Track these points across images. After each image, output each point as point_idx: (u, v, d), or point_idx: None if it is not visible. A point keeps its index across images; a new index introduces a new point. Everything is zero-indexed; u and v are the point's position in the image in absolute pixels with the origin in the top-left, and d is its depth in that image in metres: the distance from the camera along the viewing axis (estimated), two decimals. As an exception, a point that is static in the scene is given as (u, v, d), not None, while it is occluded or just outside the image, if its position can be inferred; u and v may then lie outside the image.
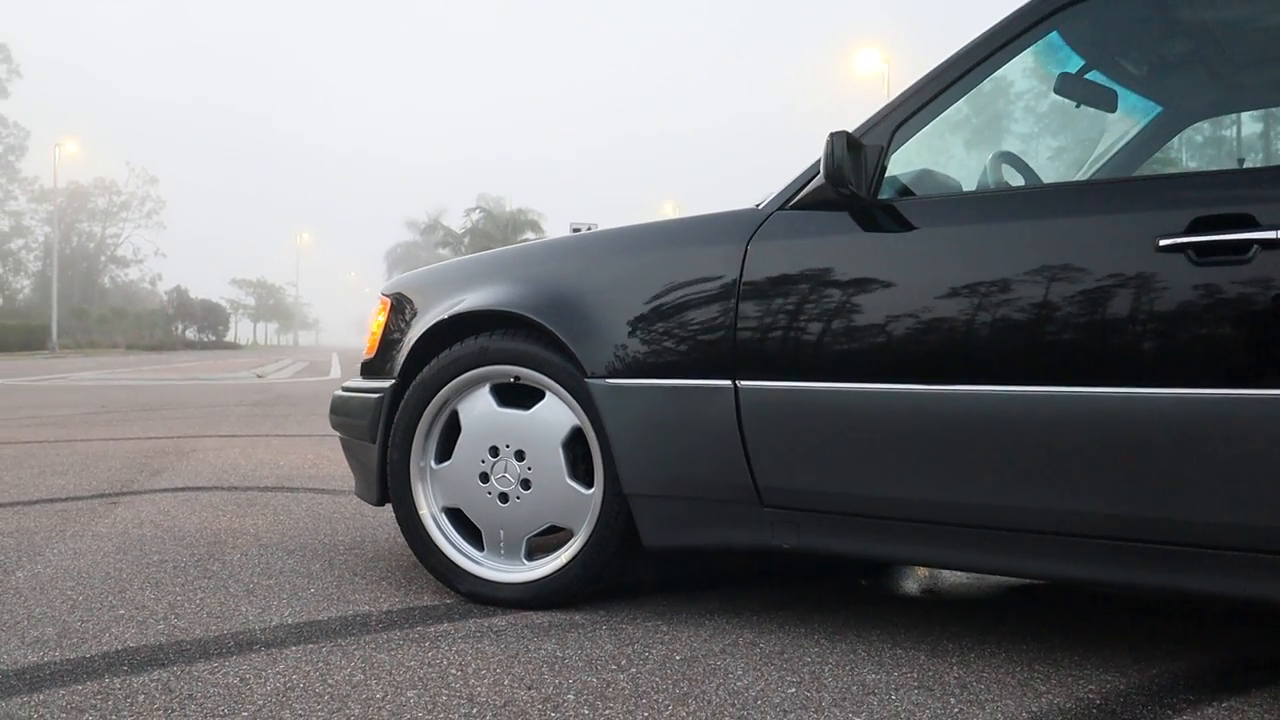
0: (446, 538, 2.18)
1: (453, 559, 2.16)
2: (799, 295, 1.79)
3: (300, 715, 1.50)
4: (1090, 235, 1.58)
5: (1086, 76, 2.21)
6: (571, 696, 1.58)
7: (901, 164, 1.90)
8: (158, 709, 1.52)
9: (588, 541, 2.04)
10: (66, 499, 3.48)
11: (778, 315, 1.80)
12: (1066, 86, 2.14)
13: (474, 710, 1.52)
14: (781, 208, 1.88)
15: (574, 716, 1.50)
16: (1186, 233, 1.50)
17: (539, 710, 1.52)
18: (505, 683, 1.64)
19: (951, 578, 2.41)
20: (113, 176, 66.13)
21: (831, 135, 1.69)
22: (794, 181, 1.88)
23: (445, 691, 1.60)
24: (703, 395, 1.86)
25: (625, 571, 2.11)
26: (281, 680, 1.65)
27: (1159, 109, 2.50)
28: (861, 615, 2.06)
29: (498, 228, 54.53)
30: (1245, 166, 1.81)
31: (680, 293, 1.91)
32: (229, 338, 68.74)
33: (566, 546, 2.08)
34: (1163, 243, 1.51)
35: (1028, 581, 2.34)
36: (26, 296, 56.14)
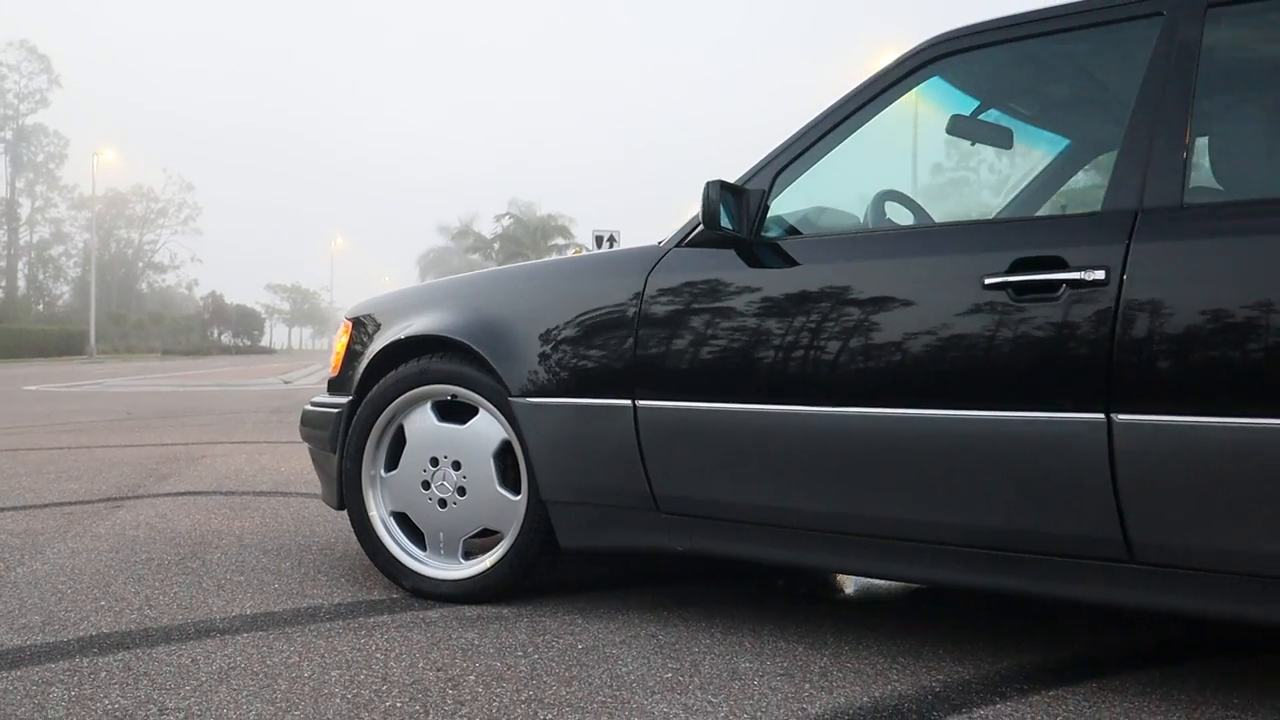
0: (393, 539, 2.42)
1: (398, 558, 2.40)
2: (688, 324, 2.01)
3: (235, 689, 1.74)
4: (932, 273, 1.79)
5: (982, 116, 2.40)
6: (473, 678, 1.81)
7: (795, 203, 2.11)
8: (115, 683, 1.76)
9: (515, 543, 2.27)
10: (75, 502, 3.77)
11: (670, 341, 2.02)
12: (958, 127, 2.33)
13: (385, 687, 1.75)
14: (678, 245, 2.10)
15: (469, 694, 1.73)
16: (1008, 273, 1.69)
17: (439, 688, 1.75)
18: (420, 665, 1.87)
19: (868, 581, 2.60)
20: (150, 184, 67.51)
21: (707, 184, 1.91)
22: (690, 221, 2.09)
23: (365, 672, 1.83)
24: (606, 413, 2.08)
25: (550, 570, 2.34)
26: (227, 661, 1.89)
27: (1066, 142, 2.68)
28: (763, 612, 2.26)
29: (527, 233, 54.99)
30: (1065, 213, 1.98)
31: (588, 320, 2.14)
32: (264, 342, 69.93)
33: (497, 547, 2.31)
34: (988, 281, 1.71)
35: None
36: (66, 302, 57.51)
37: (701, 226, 2.04)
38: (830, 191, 2.34)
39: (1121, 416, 1.57)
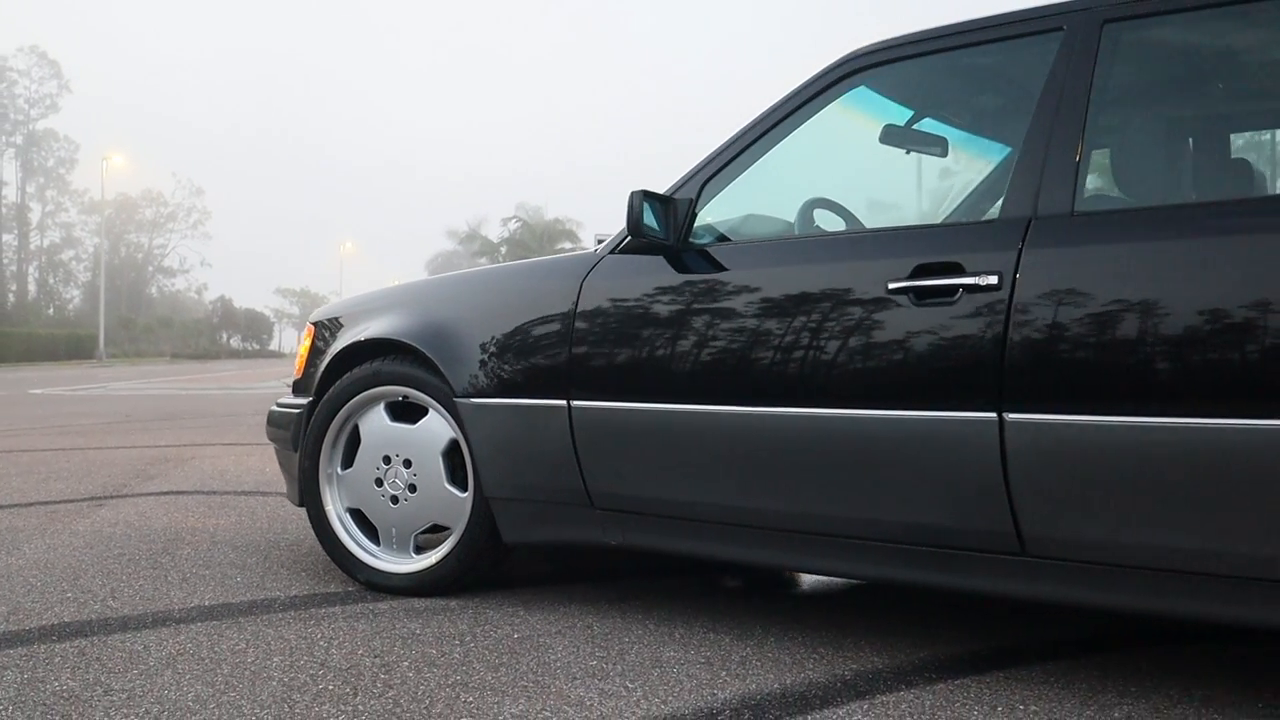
0: (349, 534, 2.51)
1: (354, 552, 2.49)
2: (618, 327, 2.10)
3: (179, 673, 1.83)
4: (843, 279, 1.87)
5: (917, 126, 2.48)
6: (406, 664, 1.90)
7: (732, 210, 2.20)
8: (67, 667, 1.86)
9: (462, 538, 2.36)
10: (60, 501, 3.88)
11: (602, 344, 2.11)
12: (891, 136, 2.41)
13: (321, 671, 1.85)
14: (612, 251, 2.19)
15: (400, 678, 1.82)
16: (910, 277, 1.78)
17: (373, 673, 1.84)
18: (359, 652, 1.97)
19: (811, 577, 2.68)
20: (160, 189, 67.94)
21: (631, 193, 2.00)
22: (622, 229, 2.18)
23: (306, 658, 1.93)
24: (543, 413, 2.17)
25: (497, 564, 2.43)
26: (177, 647, 1.99)
27: (1008, 149, 2.76)
28: (700, 606, 2.35)
29: (534, 236, 55.11)
30: (963, 221, 2.05)
31: (527, 324, 2.23)
32: (273, 346, 70.23)
33: (446, 542, 2.40)
34: (891, 286, 1.79)
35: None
36: (77, 306, 57.94)
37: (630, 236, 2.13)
38: (771, 198, 2.43)
39: (1012, 415, 1.66)
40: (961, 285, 1.72)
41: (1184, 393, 1.54)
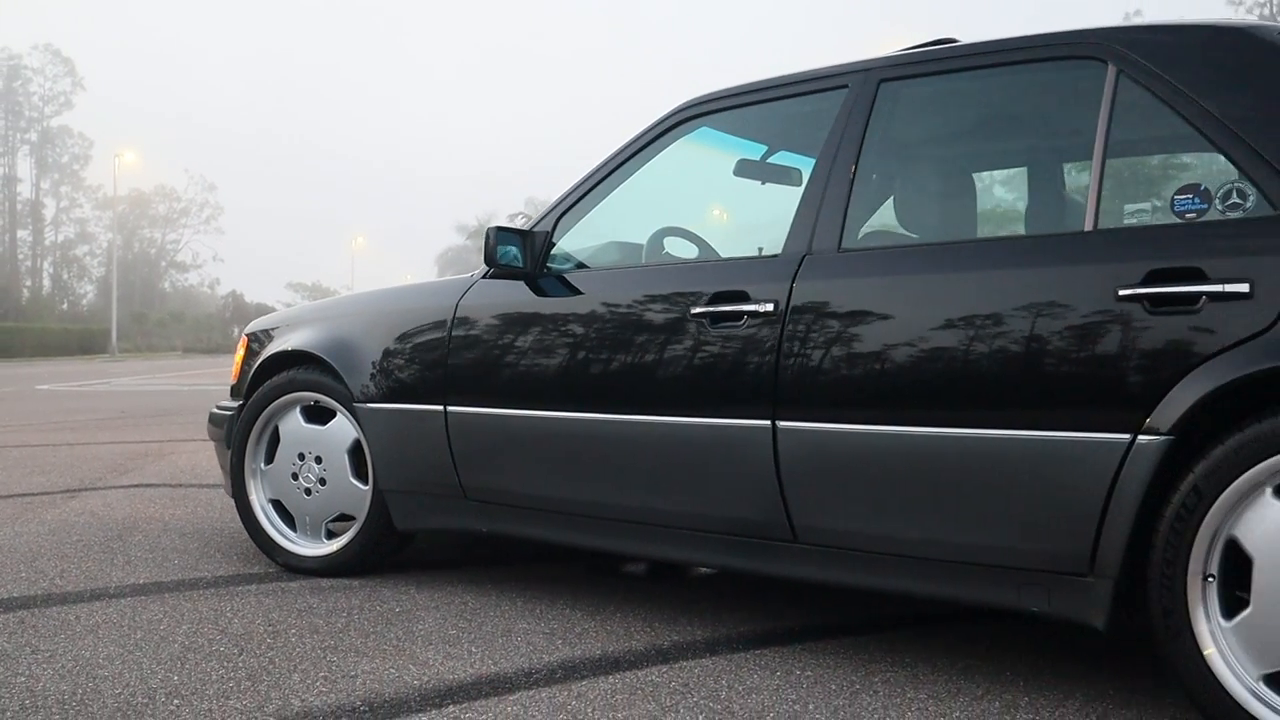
0: (270, 522, 2.85)
1: (274, 538, 2.83)
2: (485, 342, 2.43)
3: (99, 637, 2.17)
4: (659, 304, 2.19)
5: (771, 159, 2.78)
6: (294, 631, 2.24)
7: (584, 240, 2.52)
8: (6, 632, 2.21)
9: (364, 525, 2.70)
10: (36, 494, 4.24)
11: (472, 357, 2.44)
12: (744, 169, 2.72)
13: (218, 636, 2.19)
14: (484, 276, 2.51)
15: (283, 642, 2.15)
16: (708, 304, 2.10)
17: (261, 638, 2.18)
18: (256, 622, 2.30)
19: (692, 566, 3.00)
20: (173, 184, 68.73)
21: (487, 229, 2.32)
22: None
23: (210, 626, 2.27)
24: (424, 416, 2.50)
25: (397, 549, 2.77)
26: (104, 617, 2.33)
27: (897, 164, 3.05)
28: (573, 588, 2.67)
29: (541, 232, 55.49)
30: (758, 255, 2.33)
31: (412, 339, 2.56)
32: (283, 340, 70.70)
33: (350, 529, 2.73)
34: (694, 311, 2.11)
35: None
36: (91, 301, 58.70)
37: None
38: (638, 226, 2.74)
39: (783, 423, 1.97)
40: (746, 311, 2.04)
41: (913, 406, 1.85)
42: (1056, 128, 2.30)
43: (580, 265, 2.48)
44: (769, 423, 1.98)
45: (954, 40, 2.19)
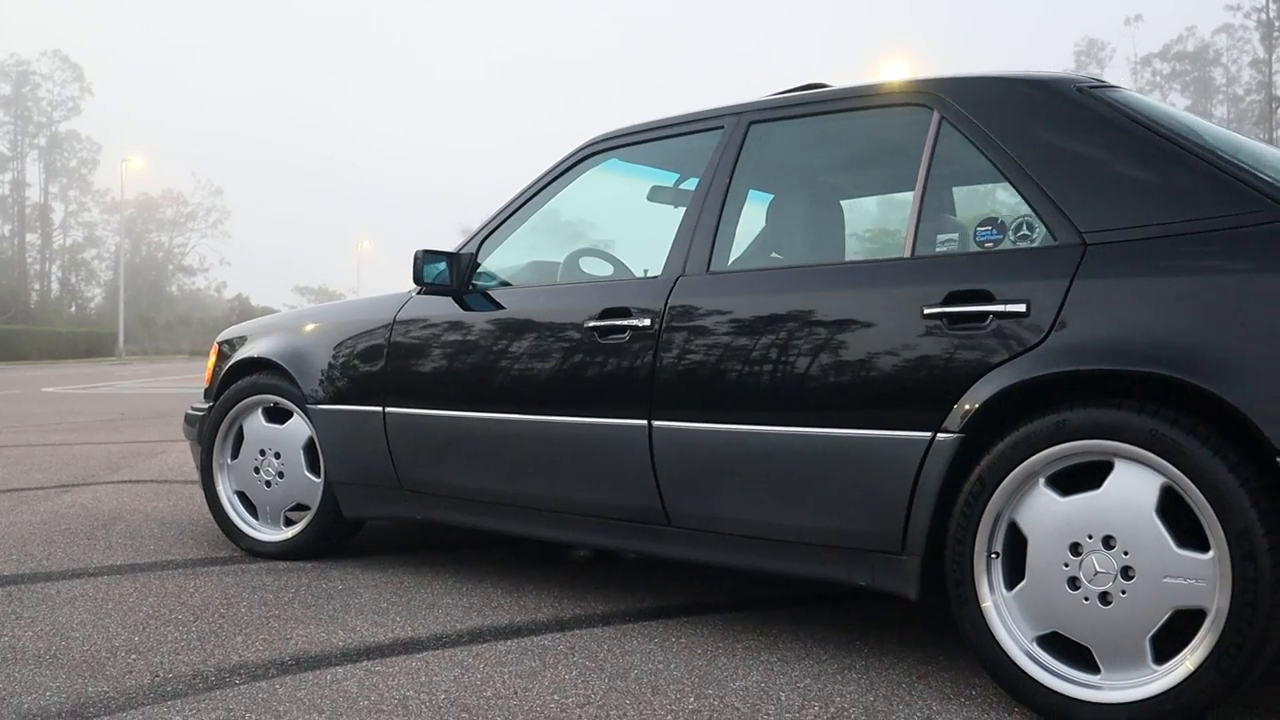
0: (235, 511, 3.18)
1: (239, 525, 3.16)
2: (417, 350, 2.75)
3: (74, 608, 2.50)
4: (559, 317, 2.51)
5: (683, 185, 3.10)
6: (244, 605, 2.56)
7: (510, 260, 2.84)
8: (-7, 604, 2.54)
9: (317, 514, 3.03)
10: (32, 489, 4.58)
11: (407, 364, 2.77)
12: (657, 195, 3.04)
13: (178, 607, 2.51)
14: (419, 292, 2.84)
15: (233, 613, 2.48)
16: (598, 318, 2.41)
17: (216, 609, 2.51)
18: (214, 596, 2.63)
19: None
20: (180, 188, 69.41)
21: (415, 252, 2.65)
22: (427, 273, 2.83)
23: (172, 600, 2.59)
24: (366, 417, 2.83)
25: (349, 535, 3.10)
26: (81, 592, 2.66)
27: (770, 196, 3.37)
28: (502, 568, 2.99)
29: (544, 236, 55.88)
30: (644, 276, 2.64)
31: (357, 348, 2.89)
32: (289, 343, 71.27)
33: (305, 517, 3.06)
34: (588, 324, 2.43)
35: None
36: (98, 305, 59.30)
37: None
38: (565, 248, 3.06)
39: (658, 422, 2.29)
40: (628, 326, 2.36)
41: (763, 408, 2.16)
42: (891, 165, 2.63)
43: (504, 283, 2.80)
44: (645, 422, 2.30)
45: (824, 85, 2.51)
